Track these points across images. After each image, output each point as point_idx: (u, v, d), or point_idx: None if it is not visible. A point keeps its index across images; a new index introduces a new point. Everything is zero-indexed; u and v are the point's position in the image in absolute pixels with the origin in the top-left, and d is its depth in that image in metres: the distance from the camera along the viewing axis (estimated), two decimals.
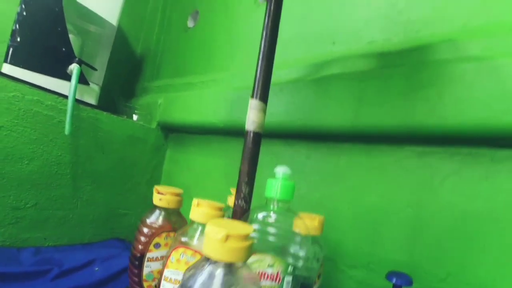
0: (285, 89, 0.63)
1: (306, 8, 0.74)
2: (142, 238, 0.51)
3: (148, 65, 1.26)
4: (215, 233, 0.23)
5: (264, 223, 0.35)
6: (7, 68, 0.76)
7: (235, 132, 0.78)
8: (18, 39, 0.77)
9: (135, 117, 1.05)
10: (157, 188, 0.53)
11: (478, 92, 0.43)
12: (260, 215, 0.36)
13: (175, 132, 1.04)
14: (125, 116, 0.99)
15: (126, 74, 1.29)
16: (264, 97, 0.33)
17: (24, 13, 0.77)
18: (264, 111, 0.34)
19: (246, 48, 0.87)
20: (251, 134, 0.34)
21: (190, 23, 1.07)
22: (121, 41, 1.09)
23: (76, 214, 0.85)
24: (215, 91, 0.83)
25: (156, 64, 1.22)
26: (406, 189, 0.55)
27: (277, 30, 0.36)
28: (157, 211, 0.54)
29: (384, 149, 0.58)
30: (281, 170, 0.36)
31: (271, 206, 0.37)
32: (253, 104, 0.33)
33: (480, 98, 0.43)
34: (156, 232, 0.51)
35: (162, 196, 0.52)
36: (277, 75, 0.54)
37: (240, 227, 0.26)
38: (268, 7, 0.37)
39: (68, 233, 0.84)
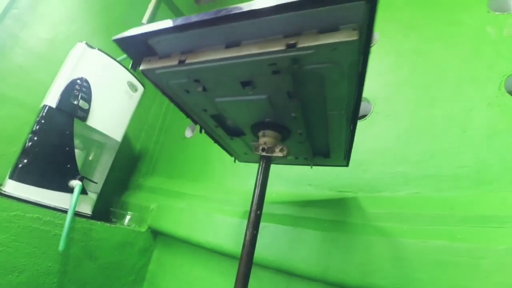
0: (267, 228, 0.70)
1: None
2: None
3: (144, 163, 1.34)
4: None
5: None
6: (11, 185, 0.80)
7: (221, 253, 0.83)
8: (26, 160, 0.82)
9: (127, 217, 1.10)
10: None
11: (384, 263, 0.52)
12: None
13: (164, 235, 1.08)
14: (117, 222, 1.04)
15: (123, 171, 1.37)
16: None
17: (36, 138, 0.84)
18: None
19: (236, 170, 0.97)
20: None
21: (187, 133, 1.18)
22: (122, 143, 1.18)
23: None
24: (205, 211, 0.90)
25: (152, 163, 1.31)
26: None
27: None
28: None
29: None
30: None
31: None
32: None
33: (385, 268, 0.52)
34: None
35: None
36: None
37: None
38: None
39: None
